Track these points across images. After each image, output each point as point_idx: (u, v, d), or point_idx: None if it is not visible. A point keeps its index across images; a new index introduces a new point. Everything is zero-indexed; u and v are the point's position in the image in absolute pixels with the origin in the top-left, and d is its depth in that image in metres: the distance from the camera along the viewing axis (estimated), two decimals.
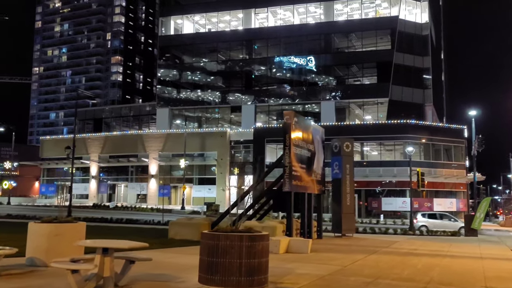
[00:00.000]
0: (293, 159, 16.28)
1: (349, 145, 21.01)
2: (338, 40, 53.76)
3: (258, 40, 55.59)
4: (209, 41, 56.96)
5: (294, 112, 16.86)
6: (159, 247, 14.14)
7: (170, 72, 58.72)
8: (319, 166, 19.40)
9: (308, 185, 17.74)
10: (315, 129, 19.33)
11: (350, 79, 53.24)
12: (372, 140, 47.86)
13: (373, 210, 46.12)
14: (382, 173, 45.67)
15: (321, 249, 14.84)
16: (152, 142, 53.33)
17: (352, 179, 20.86)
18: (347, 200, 20.46)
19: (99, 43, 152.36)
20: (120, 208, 47.81)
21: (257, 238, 7.75)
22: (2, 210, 40.33)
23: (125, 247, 7.33)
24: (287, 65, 53.42)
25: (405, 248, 15.69)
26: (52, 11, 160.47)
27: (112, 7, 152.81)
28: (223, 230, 7.98)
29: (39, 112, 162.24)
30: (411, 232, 25.62)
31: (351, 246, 16.05)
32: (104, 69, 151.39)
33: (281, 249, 13.27)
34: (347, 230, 20.43)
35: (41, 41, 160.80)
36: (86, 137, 57.97)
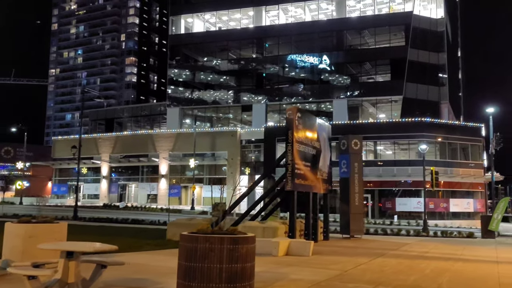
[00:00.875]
0: (296, 157, 15.46)
1: (358, 143, 20.09)
2: (350, 37, 52.63)
3: (269, 38, 54.77)
4: (219, 39, 56.35)
5: (297, 107, 16.04)
6: (153, 248, 13.48)
7: (180, 71, 58.28)
8: (326, 164, 18.54)
9: (313, 184, 16.89)
10: (321, 125, 18.46)
11: (363, 77, 52.09)
12: (385, 139, 46.67)
13: (387, 211, 44.92)
14: (396, 173, 44.46)
15: (325, 251, 13.99)
16: (162, 142, 52.93)
17: (361, 178, 19.92)
18: (355, 200, 19.54)
19: (113, 44, 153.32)
20: (130, 208, 47.49)
21: (240, 240, 6.98)
22: (13, 210, 40.28)
23: (89, 250, 6.62)
24: (300, 64, 52.50)
25: (415, 251, 14.74)
26: (68, 14, 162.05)
27: (127, 8, 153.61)
28: (203, 231, 7.23)
29: (55, 113, 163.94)
30: (425, 234, 24.54)
31: (357, 249, 15.16)
32: (118, 70, 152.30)
33: (280, 251, 12.48)
34: (356, 231, 19.51)
35: (57, 43, 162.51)
36: (97, 137, 57.89)
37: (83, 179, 59.12)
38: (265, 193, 17.48)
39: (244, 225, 15.25)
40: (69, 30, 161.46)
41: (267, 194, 17.73)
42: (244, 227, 15.16)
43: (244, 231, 14.63)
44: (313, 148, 17.14)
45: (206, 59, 57.14)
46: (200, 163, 50.72)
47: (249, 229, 15.04)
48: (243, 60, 56.05)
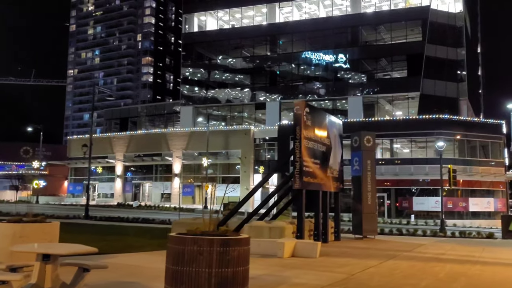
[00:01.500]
0: (304, 154, 14.84)
1: (370, 139, 19.34)
2: (366, 33, 51.59)
3: (283, 35, 54.07)
4: (233, 37, 55.85)
5: (305, 102, 15.40)
6: (154, 249, 13.03)
7: (193, 70, 58.00)
8: (336, 162, 17.87)
9: (322, 182, 16.25)
10: (331, 121, 17.80)
11: (379, 73, 50.99)
12: (402, 137, 45.62)
13: (404, 210, 43.86)
14: (413, 171, 43.38)
15: (334, 253, 13.35)
16: (175, 140, 52.73)
17: (374, 176, 19.18)
18: (368, 199, 18.81)
19: (130, 44, 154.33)
20: (143, 207, 47.42)
21: (231, 242, 6.41)
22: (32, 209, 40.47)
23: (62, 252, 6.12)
24: (314, 61, 51.67)
25: (430, 253, 13.99)
26: (86, 15, 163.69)
27: (143, 8, 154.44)
28: (192, 232, 6.70)
29: (74, 113, 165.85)
30: (442, 234, 23.63)
31: (368, 250, 14.47)
32: (135, 70, 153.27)
33: (286, 253, 11.88)
34: (369, 232, 18.78)
35: (75, 44, 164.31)
36: (111, 136, 58.01)
37: (97, 178, 59.33)
38: (272, 192, 16.89)
39: (250, 225, 14.71)
40: (86, 31, 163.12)
41: (275, 193, 17.12)
42: (250, 227, 14.64)
43: (250, 232, 14.09)
44: (323, 145, 16.49)
45: (219, 57, 56.71)
46: (213, 162, 50.37)
47: (255, 229, 14.51)
48: (256, 58, 55.47)
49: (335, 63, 50.76)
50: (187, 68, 58.22)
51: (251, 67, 55.14)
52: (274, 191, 17.16)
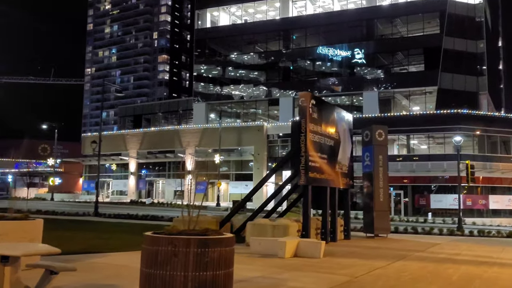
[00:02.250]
0: (310, 148, 14.10)
1: (382, 133, 18.47)
2: (381, 26, 50.30)
3: (296, 30, 53.12)
4: (245, 32, 55.11)
5: (311, 93, 14.63)
6: None
7: (206, 66, 57.50)
8: (346, 157, 17.06)
9: (330, 178, 15.48)
10: (340, 114, 16.99)
11: (395, 68, 49.66)
12: (419, 132, 44.38)
13: (422, 208, 42.63)
14: (431, 168, 42.12)
15: (340, 252, 12.59)
16: (188, 137, 52.33)
17: (386, 172, 18.31)
18: (380, 196, 17.96)
19: (146, 42, 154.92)
20: (156, 204, 47.17)
21: (211, 242, 5.74)
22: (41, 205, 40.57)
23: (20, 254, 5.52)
24: (328, 56, 50.61)
25: (444, 253, 13.11)
26: (103, 14, 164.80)
27: (158, 6, 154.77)
28: (168, 231, 6.05)
29: (91, 112, 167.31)
30: (459, 233, 22.59)
31: (378, 250, 13.66)
32: (151, 68, 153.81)
33: (287, 252, 11.17)
34: (381, 230, 17.94)
35: (92, 43, 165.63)
36: (125, 133, 57.95)
37: (111, 175, 59.38)
38: (276, 190, 16.20)
39: (253, 223, 14.03)
40: (103, 30, 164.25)
41: (280, 190, 16.41)
42: (253, 225, 13.97)
43: (253, 230, 13.39)
44: (331, 139, 15.72)
45: (232, 53, 56.06)
46: (226, 158, 49.83)
47: (258, 228, 13.83)
48: (270, 53, 54.64)
49: (350, 58, 49.64)
50: (200, 65, 57.73)
51: (264, 62, 54.34)
52: (279, 188, 16.44)
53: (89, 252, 10.93)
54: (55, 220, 24.21)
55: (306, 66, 52.73)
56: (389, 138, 46.18)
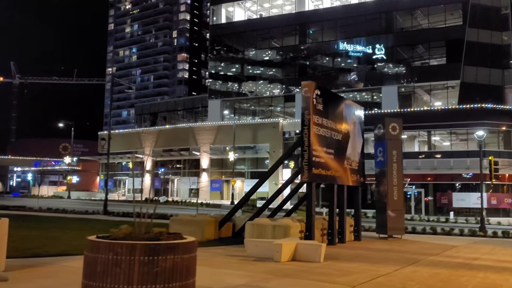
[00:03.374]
0: (314, 142, 13.02)
1: (396, 127, 17.22)
2: (401, 18, 48.52)
3: (313, 24, 51.73)
4: (261, 27, 53.94)
5: (315, 83, 13.52)
6: None
7: (221, 62, 56.65)
8: (356, 152, 15.90)
9: (338, 174, 14.36)
10: (350, 107, 15.83)
11: (416, 61, 47.81)
12: (441, 128, 42.59)
13: (444, 207, 40.89)
14: (453, 165, 40.32)
15: (345, 256, 11.49)
16: (203, 135, 51.62)
17: (401, 168, 17.05)
18: (393, 194, 16.73)
19: (166, 41, 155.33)
20: (170, 202, 46.58)
21: (162, 248, 4.77)
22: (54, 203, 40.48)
23: None
24: (346, 50, 49.13)
25: (462, 257, 11.86)
26: (123, 13, 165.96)
27: (178, 5, 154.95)
28: (114, 235, 5.10)
29: (112, 111, 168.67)
30: (482, 234, 21.10)
31: (389, 253, 12.49)
32: (171, 67, 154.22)
33: (284, 256, 10.13)
34: (394, 231, 16.71)
35: (113, 43, 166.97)
36: (140, 131, 57.65)
37: (127, 173, 59.21)
38: (281, 186, 15.17)
39: (252, 223, 13.05)
40: (124, 30, 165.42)
41: (283, 188, 15.36)
42: (252, 225, 12.98)
43: (252, 230, 12.37)
44: (338, 132, 14.58)
45: (247, 49, 55.03)
46: (241, 156, 48.91)
47: (258, 228, 12.83)
48: (285, 49, 53.42)
49: (368, 52, 48.06)
50: (215, 61, 56.93)
51: (280, 58, 53.17)
52: (282, 187, 15.40)
53: (68, 254, 10.13)
54: (59, 218, 23.73)
55: (323, 61, 51.35)
56: (409, 134, 44.80)
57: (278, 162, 15.50)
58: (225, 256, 10.83)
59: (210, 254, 10.99)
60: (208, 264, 9.45)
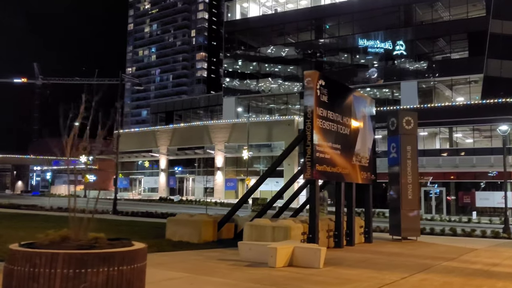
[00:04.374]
0: (317, 136, 12.03)
1: (411, 121, 16.05)
2: (421, 11, 46.79)
3: (329, 18, 50.39)
4: (276, 23, 52.80)
5: (319, 72, 12.50)
6: None
7: (235, 59, 55.79)
8: (366, 148, 14.81)
9: (345, 171, 13.31)
10: (359, 98, 14.74)
11: (436, 55, 46.04)
12: (463, 124, 40.88)
13: (467, 207, 39.18)
14: (476, 163, 38.60)
15: (349, 260, 10.46)
16: (217, 133, 50.86)
17: (416, 165, 15.88)
18: (408, 192, 15.58)
19: (184, 40, 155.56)
20: (184, 202, 46.07)
21: (91, 259, 3.88)
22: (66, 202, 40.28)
23: None
24: (363, 45, 47.69)
25: (480, 262, 10.69)
26: (142, 13, 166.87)
27: (196, 4, 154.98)
28: (39, 242, 4.24)
29: (132, 110, 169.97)
30: (505, 235, 19.70)
31: (399, 257, 11.40)
32: (189, 66, 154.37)
33: (279, 261, 9.17)
34: (409, 232, 15.56)
35: (133, 42, 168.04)
36: (155, 129, 57.28)
37: (143, 172, 58.97)
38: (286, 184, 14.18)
39: (251, 224, 12.12)
40: (143, 29, 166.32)
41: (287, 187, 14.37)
42: (251, 226, 12.06)
43: (251, 232, 11.43)
44: (346, 126, 13.53)
45: (262, 45, 54.00)
46: (256, 154, 47.98)
47: (257, 229, 11.90)
48: (301, 44, 52.22)
49: (387, 46, 46.52)
50: (229, 58, 56.15)
51: (296, 54, 52.00)
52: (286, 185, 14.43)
53: None
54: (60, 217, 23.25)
55: (340, 56, 50.00)
56: (430, 131, 43.15)
57: (279, 159, 14.52)
58: (217, 260, 9.94)
59: (202, 258, 10.13)
60: (193, 269, 8.59)
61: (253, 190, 14.47)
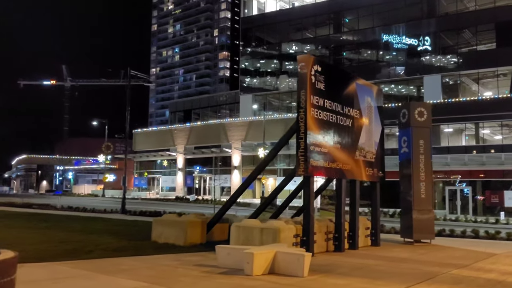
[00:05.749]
0: (312, 127, 10.79)
1: (424, 112, 14.59)
2: (445, 1, 44.53)
3: (348, 11, 48.62)
4: (293, 17, 51.30)
5: (314, 57, 11.23)
6: (107, 255, 9.86)
7: (252, 56, 54.61)
8: (372, 142, 13.46)
9: (346, 167, 12.01)
10: (363, 87, 13.38)
11: (462, 47, 43.74)
12: (490, 120, 38.62)
13: (496, 207, 36.95)
14: (505, 160, 36.34)
15: (343, 267, 9.20)
16: (234, 131, 49.84)
17: (429, 161, 14.41)
18: (420, 191, 14.15)
19: (207, 40, 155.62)
20: (200, 201, 45.26)
21: None
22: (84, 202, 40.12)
23: None
24: (385, 38, 45.78)
25: (496, 270, 9.25)
26: (166, 14, 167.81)
27: (219, 3, 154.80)
28: None
29: (157, 110, 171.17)
30: None
31: (404, 263, 10.05)
32: (212, 65, 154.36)
33: (257, 268, 8.01)
34: (422, 234, 14.11)
35: (157, 43, 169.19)
36: (173, 128, 56.72)
37: (161, 171, 58.54)
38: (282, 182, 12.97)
39: (238, 225, 10.98)
40: (167, 30, 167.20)
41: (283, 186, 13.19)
42: (238, 227, 10.91)
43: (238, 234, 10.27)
44: (347, 117, 12.23)
45: (279, 41, 52.63)
46: None
47: (244, 231, 10.74)
48: (319, 39, 50.59)
49: (408, 39, 44.51)
50: (246, 55, 55.03)
51: (314, 49, 50.43)
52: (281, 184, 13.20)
53: None
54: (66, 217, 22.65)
55: (360, 50, 48.19)
56: (455, 127, 41.03)
57: (270, 154, 13.32)
58: (192, 266, 8.85)
59: (177, 264, 9.06)
60: (155, 278, 7.51)
61: (243, 188, 13.33)
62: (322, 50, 50.22)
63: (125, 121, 32.22)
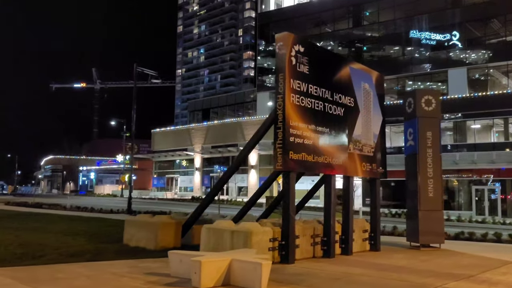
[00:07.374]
0: (292, 116, 9.43)
1: (431, 101, 12.97)
2: None
3: (368, 4, 46.59)
4: (311, 11, 49.64)
5: (295, 35, 9.82)
6: (63, 260, 8.82)
7: (269, 52, 53.25)
8: (370, 134, 11.95)
9: (336, 162, 10.57)
10: (358, 72, 11.88)
11: (490, 38, 41.16)
12: None
13: None
14: None
15: (318, 277, 7.80)
16: (251, 129, 48.53)
17: (438, 155, 12.78)
18: (428, 189, 12.54)
19: (232, 40, 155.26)
20: (215, 201, 44.10)
21: None
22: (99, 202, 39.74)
23: None
24: (407, 30, 43.65)
25: (504, 283, 7.66)
26: (191, 15, 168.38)
27: (243, 3, 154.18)
28: None
29: (182, 111, 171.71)
30: None
31: (397, 273, 8.54)
32: (237, 65, 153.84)
33: (206, 279, 6.71)
34: (429, 237, 12.49)
35: (182, 44, 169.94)
36: (190, 127, 55.94)
37: (178, 171, 57.87)
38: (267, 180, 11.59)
39: (209, 227, 9.69)
40: (192, 31, 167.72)
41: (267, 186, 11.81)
42: (208, 230, 9.62)
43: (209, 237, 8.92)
44: (337, 105, 10.77)
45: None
46: None
47: (215, 234, 9.45)
48: (338, 34, 48.79)
49: (432, 31, 42.24)
50: (263, 52, 53.72)
51: (333, 44, 48.66)
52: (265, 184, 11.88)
53: None
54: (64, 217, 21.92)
55: (381, 43, 46.13)
56: (483, 123, 38.61)
57: (246, 147, 11.96)
58: (141, 275, 7.62)
59: (125, 272, 7.85)
60: None
61: (219, 187, 12.06)
62: (341, 44, 48.43)
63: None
